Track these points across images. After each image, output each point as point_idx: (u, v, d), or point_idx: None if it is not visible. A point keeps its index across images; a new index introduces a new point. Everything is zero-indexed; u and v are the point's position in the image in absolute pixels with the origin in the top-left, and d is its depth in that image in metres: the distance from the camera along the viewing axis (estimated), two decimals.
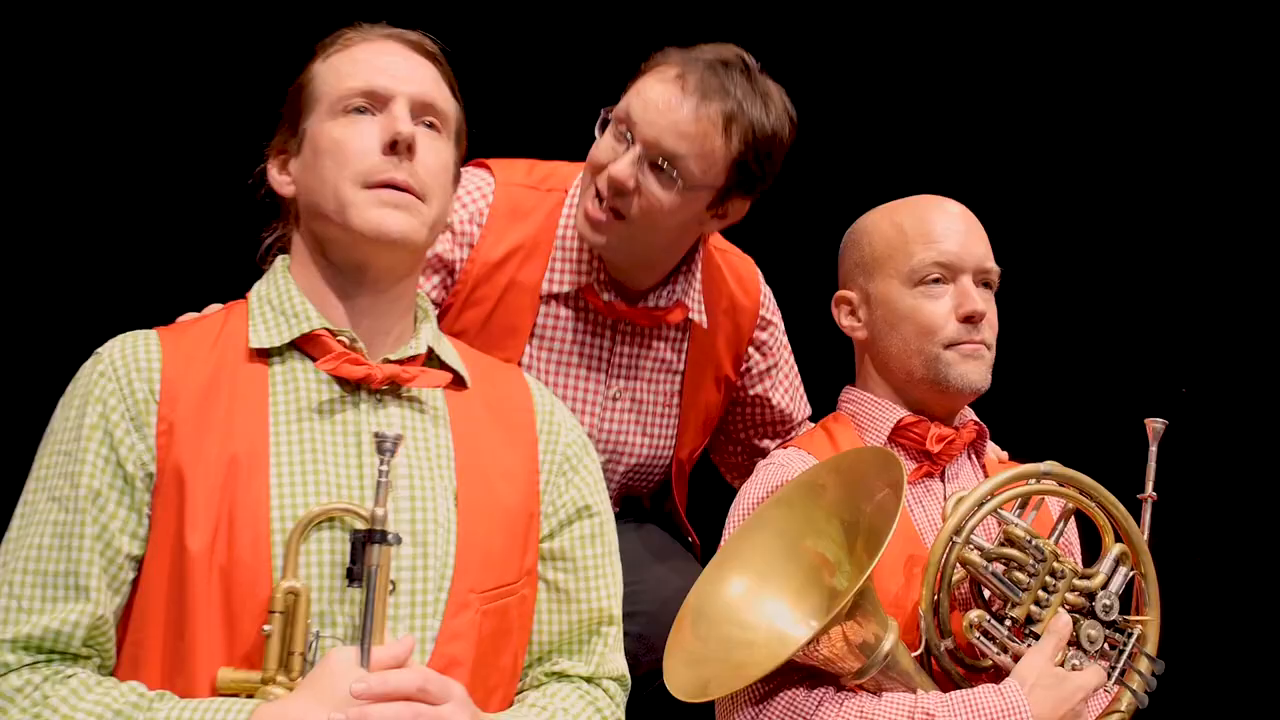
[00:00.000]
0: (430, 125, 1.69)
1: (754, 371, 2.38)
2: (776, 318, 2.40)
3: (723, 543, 2.12)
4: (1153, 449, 2.11)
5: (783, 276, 2.55)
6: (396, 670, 1.50)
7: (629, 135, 2.05)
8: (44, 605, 1.52)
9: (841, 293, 2.24)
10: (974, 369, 2.12)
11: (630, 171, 2.03)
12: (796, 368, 2.48)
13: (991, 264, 2.16)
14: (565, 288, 2.18)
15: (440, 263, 2.17)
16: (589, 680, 1.74)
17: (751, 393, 2.42)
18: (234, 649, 1.52)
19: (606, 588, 1.76)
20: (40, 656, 1.51)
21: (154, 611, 1.54)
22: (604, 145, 2.08)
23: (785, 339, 2.44)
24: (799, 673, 1.92)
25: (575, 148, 2.24)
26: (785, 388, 2.44)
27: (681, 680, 1.92)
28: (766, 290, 2.39)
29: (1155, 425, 2.12)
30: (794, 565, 2.00)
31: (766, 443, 2.47)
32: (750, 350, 2.37)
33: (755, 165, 2.08)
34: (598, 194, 2.08)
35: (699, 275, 2.26)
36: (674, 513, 2.42)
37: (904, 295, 2.14)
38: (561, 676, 1.73)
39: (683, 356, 2.27)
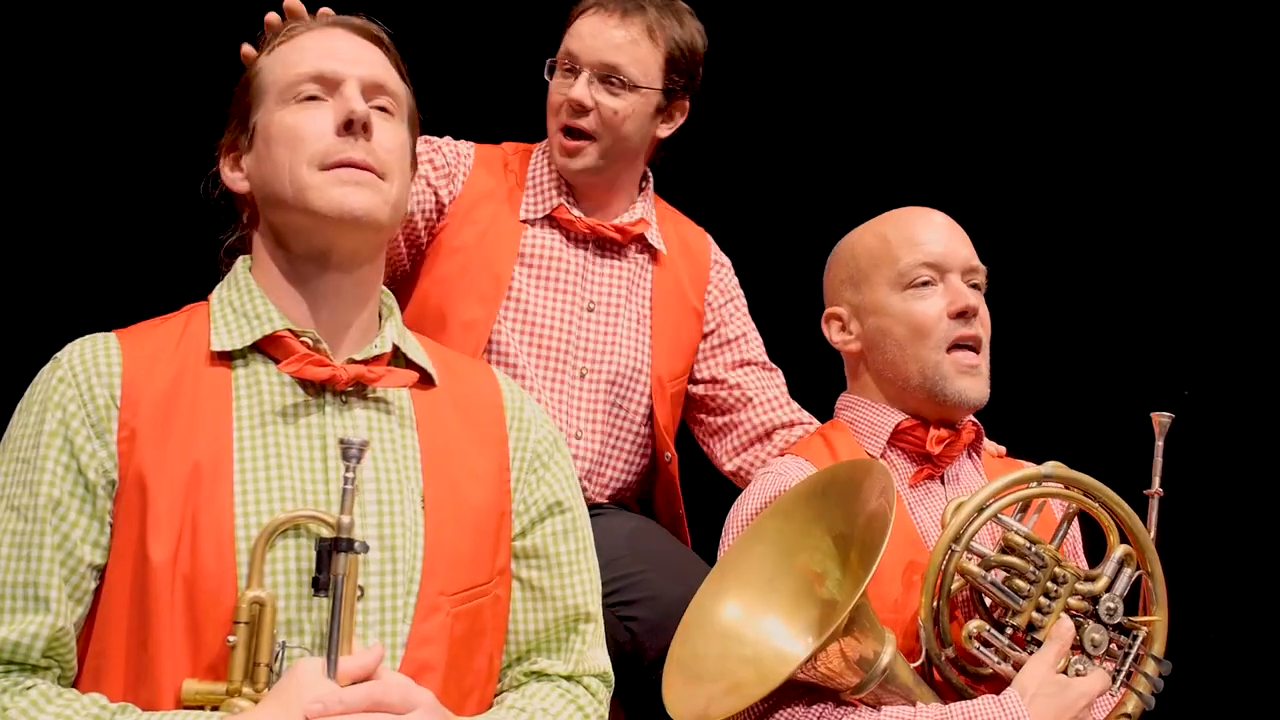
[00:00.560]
0: (382, 109, 1.66)
1: (714, 305, 2.60)
2: (727, 262, 2.67)
3: (721, 552, 2.10)
4: (1159, 444, 2.07)
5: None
6: (354, 687, 1.47)
7: (575, 67, 2.42)
8: (2, 616, 1.49)
9: (831, 310, 2.23)
10: (971, 386, 2.10)
11: (585, 92, 2.41)
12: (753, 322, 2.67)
13: (978, 263, 2.16)
14: (540, 214, 2.48)
15: (449, 169, 2.46)
16: (569, 678, 1.71)
17: (710, 327, 2.60)
18: (198, 660, 1.49)
19: (583, 584, 1.73)
20: None
21: (116, 621, 1.52)
22: (556, 85, 2.46)
23: (738, 284, 2.67)
24: (797, 689, 1.89)
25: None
26: (742, 320, 2.63)
27: (680, 700, 1.90)
28: (712, 239, 2.67)
29: (1161, 419, 2.08)
30: (790, 579, 1.98)
31: (728, 374, 2.57)
32: (710, 287, 2.61)
33: (684, 64, 2.47)
34: (563, 128, 2.44)
35: (653, 205, 2.59)
36: (655, 435, 2.52)
37: (894, 300, 2.13)
38: (541, 676, 1.70)
39: (648, 284, 2.54)
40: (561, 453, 1.77)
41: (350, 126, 1.60)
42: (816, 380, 2.43)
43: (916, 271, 2.11)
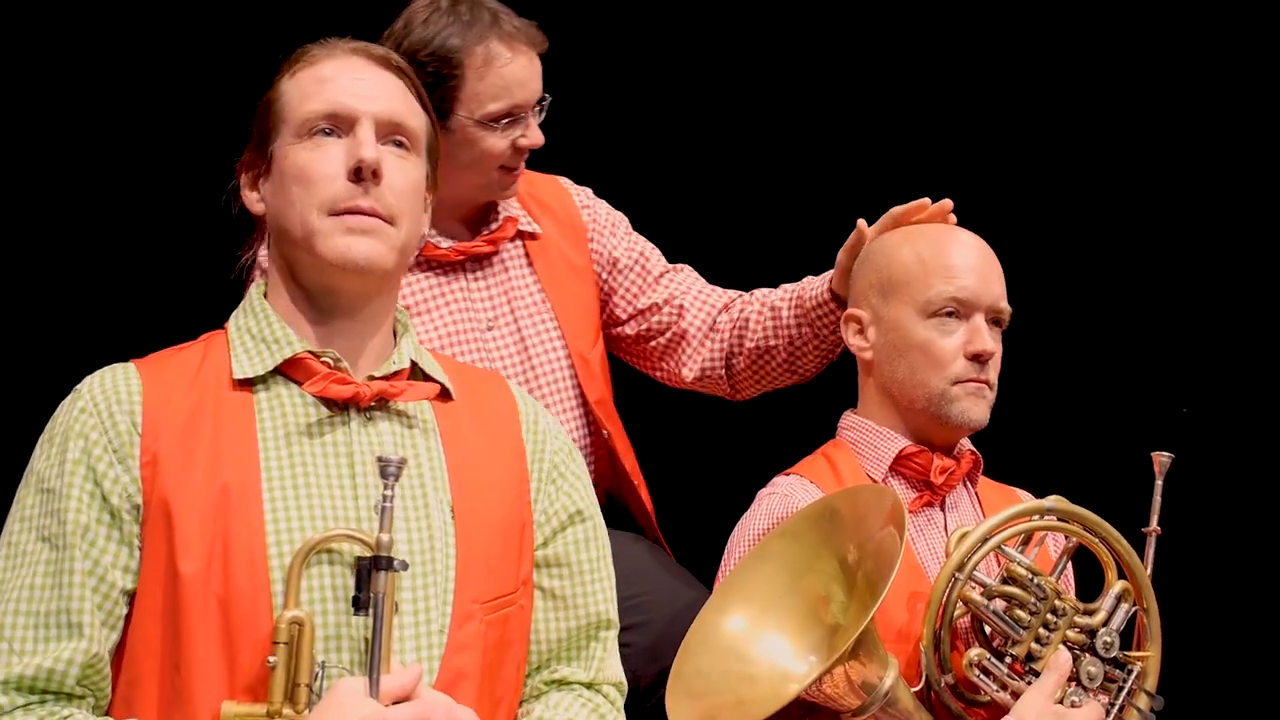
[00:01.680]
0: (398, 143, 1.64)
1: (599, 250, 2.55)
2: (588, 193, 2.60)
3: (722, 570, 2.13)
4: (1158, 483, 2.12)
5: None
6: (398, 706, 1.47)
7: (521, 116, 2.33)
8: (37, 645, 1.49)
9: (852, 311, 2.24)
10: (975, 406, 2.13)
11: (540, 134, 2.36)
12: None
13: (1005, 304, 2.17)
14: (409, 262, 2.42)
15: None
16: (589, 686, 1.73)
17: (605, 268, 2.55)
18: (235, 681, 1.49)
19: (603, 592, 1.75)
20: (34, 697, 1.48)
21: (148, 645, 1.51)
22: (494, 134, 2.32)
23: (609, 207, 2.59)
24: (799, 709, 1.92)
25: None
26: (629, 239, 2.57)
27: (684, 716, 1.92)
28: (568, 181, 2.60)
29: (1161, 459, 2.13)
30: (796, 600, 2.01)
31: (652, 295, 2.54)
32: (589, 234, 2.54)
33: None
34: (505, 168, 2.35)
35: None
36: (601, 408, 2.48)
37: (916, 325, 2.14)
38: (562, 684, 1.71)
39: (531, 268, 2.47)
40: (576, 461, 1.79)
41: (360, 174, 1.60)
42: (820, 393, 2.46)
43: (944, 304, 2.12)
